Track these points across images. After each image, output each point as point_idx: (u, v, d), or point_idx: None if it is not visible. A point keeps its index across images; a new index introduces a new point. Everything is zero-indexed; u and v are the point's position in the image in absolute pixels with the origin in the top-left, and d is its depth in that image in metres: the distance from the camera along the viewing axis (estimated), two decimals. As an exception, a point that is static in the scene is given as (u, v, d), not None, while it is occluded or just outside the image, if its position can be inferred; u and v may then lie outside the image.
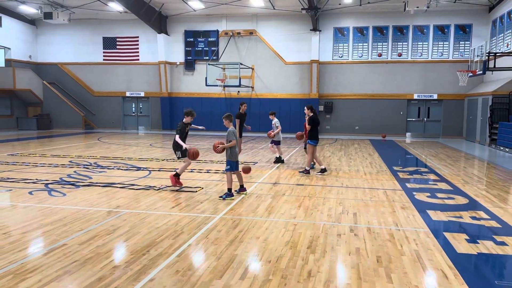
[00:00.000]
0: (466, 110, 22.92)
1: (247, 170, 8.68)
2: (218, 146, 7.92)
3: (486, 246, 5.48)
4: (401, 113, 23.99)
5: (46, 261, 4.81)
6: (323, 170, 11.00)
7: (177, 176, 8.81)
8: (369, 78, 24.08)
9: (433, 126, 23.99)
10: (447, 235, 5.95)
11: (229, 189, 7.96)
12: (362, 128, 24.41)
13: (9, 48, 25.85)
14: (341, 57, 24.36)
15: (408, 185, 9.62)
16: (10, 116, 26.24)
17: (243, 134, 14.33)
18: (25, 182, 9.26)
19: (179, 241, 5.50)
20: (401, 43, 23.62)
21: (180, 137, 8.65)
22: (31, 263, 4.71)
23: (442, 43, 23.19)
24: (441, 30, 23.12)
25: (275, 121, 12.54)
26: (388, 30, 23.69)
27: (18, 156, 13.73)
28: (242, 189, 8.34)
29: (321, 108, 24.56)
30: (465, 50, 22.84)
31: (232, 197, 7.92)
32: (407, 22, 23.34)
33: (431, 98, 23.57)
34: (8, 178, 9.70)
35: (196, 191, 8.53)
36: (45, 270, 4.51)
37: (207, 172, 11.01)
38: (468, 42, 22.78)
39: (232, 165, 7.98)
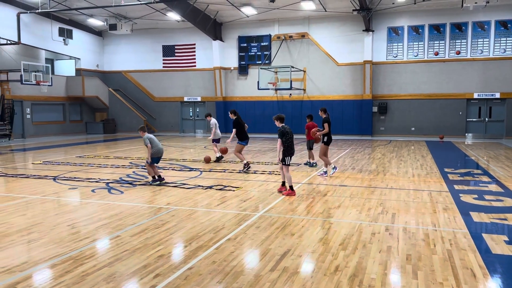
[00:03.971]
0: (532, 109, 21.58)
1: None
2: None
3: (525, 248, 5.39)
4: (460, 113, 23.05)
5: (101, 249, 5.47)
6: (246, 165, 11.59)
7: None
8: (425, 77, 23.40)
9: (496, 127, 22.80)
10: (486, 236, 5.89)
11: (153, 177, 9.76)
12: (419, 129, 23.75)
13: (79, 59, 28.08)
14: (396, 56, 23.88)
15: (456, 186, 9.42)
16: (80, 121, 28.45)
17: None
18: (89, 181, 10.22)
19: (219, 236, 5.94)
20: (459, 41, 22.72)
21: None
22: (89, 250, 5.36)
23: (504, 39, 22.01)
24: (504, 26, 21.95)
25: (213, 121, 13.74)
26: (445, 27, 22.88)
27: (85, 158, 15.01)
28: (155, 180, 9.80)
29: (375, 109, 24.23)
30: (531, 46, 21.55)
31: (157, 182, 9.66)
32: (465, 18, 22.43)
33: (493, 97, 22.43)
34: (75, 178, 10.74)
35: (234, 190, 8.99)
36: (100, 257, 5.13)
37: (254, 172, 11.44)
38: (535, 37, 21.44)
39: (153, 160, 9.76)
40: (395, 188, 9.34)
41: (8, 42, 23.02)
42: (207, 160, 13.48)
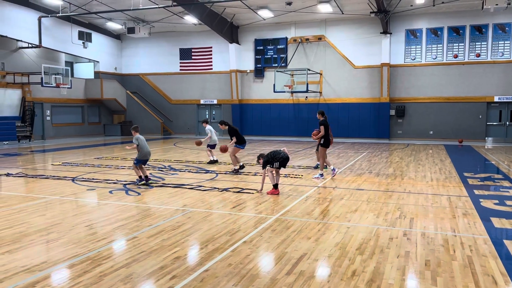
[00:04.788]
0: (556, 113, 21.06)
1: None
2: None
3: (549, 256, 5.25)
4: (480, 117, 22.62)
5: (118, 250, 5.52)
6: (240, 167, 11.84)
7: None
8: (444, 80, 23.06)
9: (517, 131, 22.33)
10: (507, 242, 5.76)
11: (140, 177, 9.92)
12: (437, 132, 23.40)
13: (97, 62, 28.51)
14: (414, 59, 23.59)
15: (476, 191, 9.24)
16: (98, 123, 28.87)
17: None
18: (107, 182, 10.34)
19: (235, 238, 5.93)
20: (479, 43, 22.33)
21: None
22: (106, 251, 5.41)
23: (527, 41, 21.55)
24: (526, 27, 21.50)
25: (208, 128, 13.89)
26: (465, 30, 22.52)
27: (103, 159, 15.20)
28: (141, 180, 9.96)
29: (392, 112, 23.97)
30: (554, 48, 21.04)
31: (143, 182, 9.83)
32: (486, 20, 22.03)
33: (515, 100, 21.98)
34: (93, 179, 10.88)
35: (251, 193, 8.99)
36: (117, 258, 5.18)
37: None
38: (558, 39, 20.94)
39: (139, 161, 10.02)
40: (413, 193, 9.21)
41: (30, 45, 23.51)
42: (198, 144, 13.60)
